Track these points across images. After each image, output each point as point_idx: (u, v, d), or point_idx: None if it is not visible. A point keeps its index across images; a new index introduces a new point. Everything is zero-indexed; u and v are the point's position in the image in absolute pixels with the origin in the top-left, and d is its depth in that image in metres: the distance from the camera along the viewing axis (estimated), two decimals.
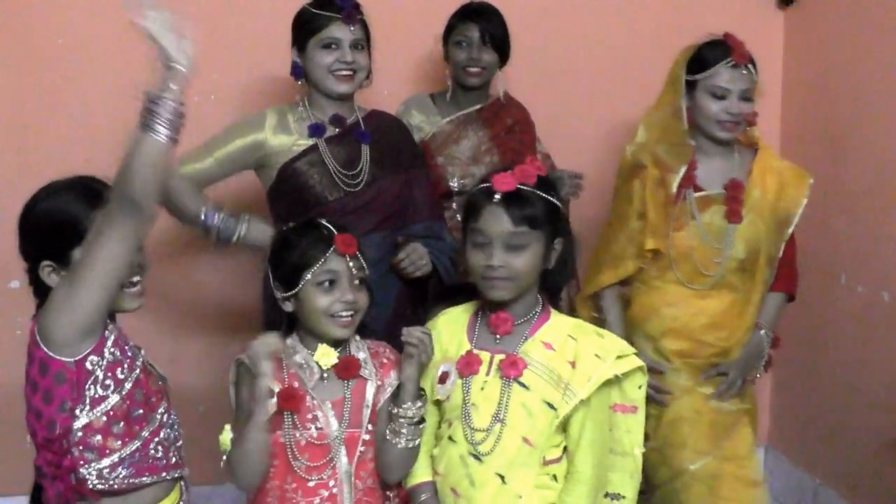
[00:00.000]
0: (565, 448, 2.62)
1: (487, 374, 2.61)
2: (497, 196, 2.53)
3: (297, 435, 2.62)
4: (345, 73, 3.45)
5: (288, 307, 2.69)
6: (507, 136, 3.99)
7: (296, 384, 2.66)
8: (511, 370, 2.56)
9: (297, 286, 2.63)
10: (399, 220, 3.56)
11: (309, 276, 2.62)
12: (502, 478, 2.56)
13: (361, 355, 2.75)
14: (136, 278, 2.46)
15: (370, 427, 2.69)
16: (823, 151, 4.44)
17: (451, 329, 2.73)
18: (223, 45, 4.26)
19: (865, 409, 4.19)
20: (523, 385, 2.57)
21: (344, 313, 2.64)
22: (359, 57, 3.47)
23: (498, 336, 2.62)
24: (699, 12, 4.70)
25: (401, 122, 3.79)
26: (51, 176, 2.47)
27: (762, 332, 3.56)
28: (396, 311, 3.52)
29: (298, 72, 3.51)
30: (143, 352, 2.52)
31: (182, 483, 2.60)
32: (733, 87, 3.39)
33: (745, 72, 3.40)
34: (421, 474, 2.72)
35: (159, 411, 2.47)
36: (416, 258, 3.47)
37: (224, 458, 2.60)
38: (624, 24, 4.68)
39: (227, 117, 3.72)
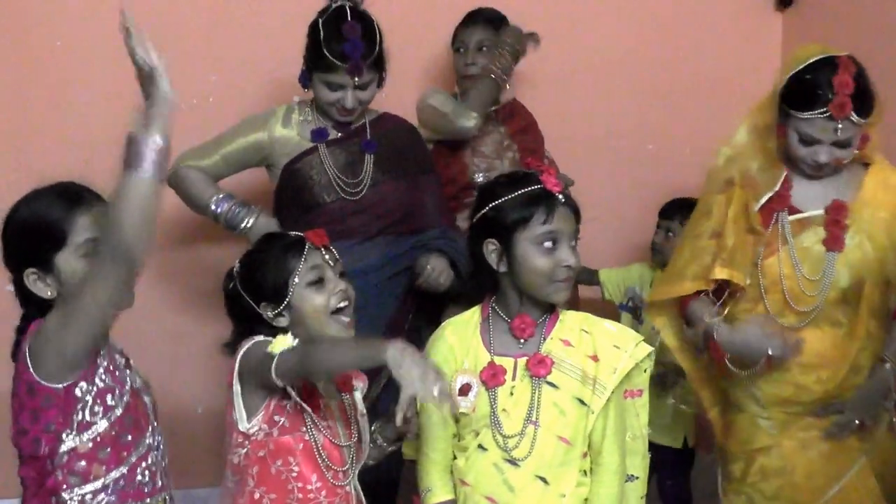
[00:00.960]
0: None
1: (513, 378, 2.57)
2: (562, 197, 2.52)
3: (317, 434, 2.58)
4: (344, 111, 3.45)
5: (283, 322, 2.64)
6: (522, 136, 4.02)
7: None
8: (540, 369, 2.53)
9: (287, 295, 2.61)
10: (403, 225, 3.53)
11: (297, 279, 2.60)
12: (544, 480, 2.53)
13: None
14: None
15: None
16: None
17: (460, 338, 2.65)
18: (220, 47, 4.28)
19: None
20: (552, 384, 2.54)
21: (342, 304, 2.62)
22: (363, 95, 3.44)
23: (522, 340, 2.58)
24: (698, 14, 4.75)
25: (412, 127, 3.74)
26: (50, 178, 2.45)
27: (887, 365, 3.01)
28: (395, 320, 3.52)
29: (306, 83, 3.50)
30: (129, 369, 2.47)
31: (167, 502, 2.55)
32: (825, 138, 2.95)
33: (840, 126, 2.92)
34: (440, 492, 2.67)
35: (147, 434, 2.43)
36: (436, 277, 3.44)
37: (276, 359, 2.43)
38: (621, 25, 4.71)
39: (226, 119, 3.72)
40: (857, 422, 3.05)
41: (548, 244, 2.48)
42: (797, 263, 3.06)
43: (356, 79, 3.38)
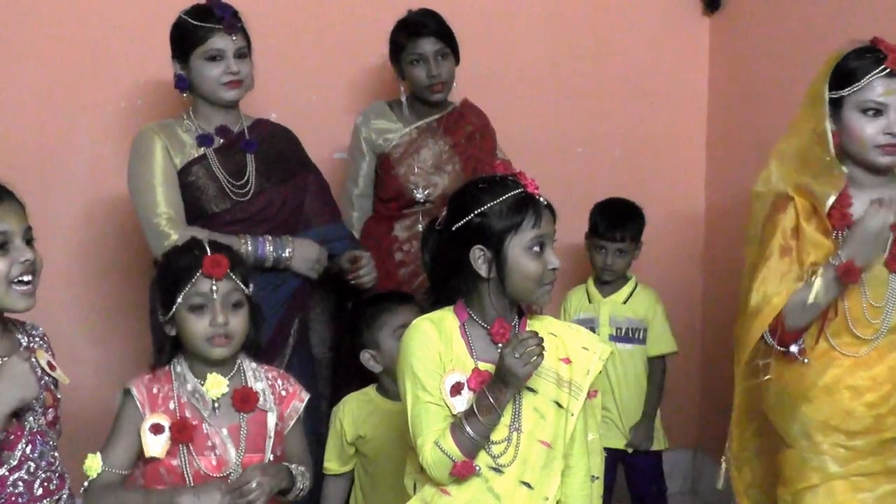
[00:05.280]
0: None
1: None
2: (543, 199, 2.52)
3: (196, 464, 2.60)
4: (233, 81, 3.43)
5: (171, 331, 2.66)
6: (467, 144, 4.00)
7: (188, 413, 2.63)
8: None
9: (171, 309, 2.62)
10: (288, 229, 3.53)
11: (180, 299, 2.60)
12: (528, 485, 2.52)
13: (259, 385, 2.74)
14: (26, 277, 2.42)
15: (273, 456, 2.69)
16: (749, 156, 4.47)
17: (442, 338, 2.55)
18: (148, 48, 4.20)
19: None
20: (531, 389, 2.52)
21: (218, 337, 2.62)
22: (242, 66, 3.44)
23: (500, 345, 2.52)
24: (627, 17, 4.78)
25: (288, 131, 3.74)
26: None
27: None
28: (282, 321, 3.52)
29: (184, 84, 3.48)
30: None
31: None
32: (891, 100, 2.78)
33: None
34: (444, 433, 2.50)
35: (19, 447, 2.42)
36: (370, 269, 3.54)
37: (86, 484, 2.57)
38: (550, 27, 4.72)
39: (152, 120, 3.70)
40: None
41: (536, 248, 2.47)
42: (863, 288, 2.84)
43: (233, 38, 3.40)
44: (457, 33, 3.92)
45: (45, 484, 2.47)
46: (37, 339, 2.59)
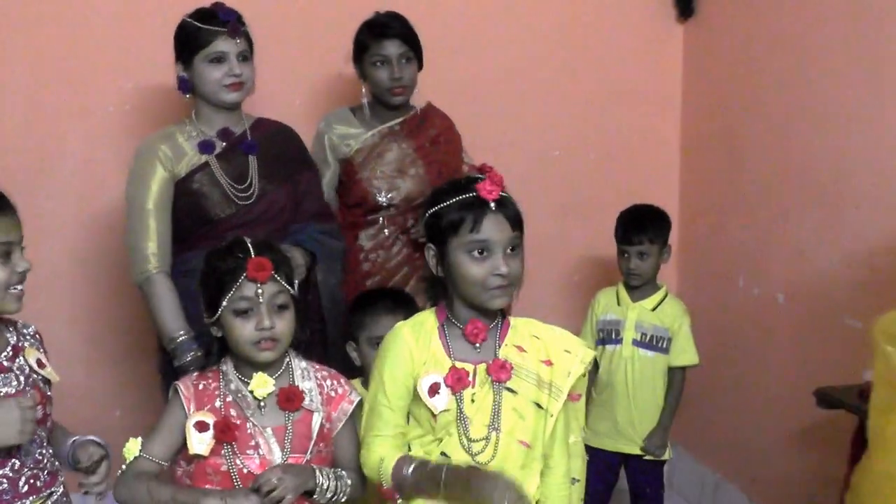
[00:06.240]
0: None
1: (473, 385, 2.56)
2: (492, 204, 2.49)
3: (239, 463, 2.58)
4: (235, 83, 3.45)
5: (217, 332, 2.64)
6: (431, 148, 3.97)
7: (233, 412, 2.61)
8: (501, 373, 2.53)
9: (217, 313, 2.60)
10: (287, 230, 3.56)
11: (225, 303, 2.57)
12: None
13: (307, 385, 2.70)
14: (19, 286, 2.45)
15: (316, 453, 2.66)
16: (722, 159, 4.57)
17: (418, 341, 2.60)
18: (135, 54, 4.29)
19: (762, 407, 4.29)
20: (511, 390, 2.56)
21: (263, 341, 2.58)
22: (245, 69, 3.46)
23: (477, 345, 2.57)
24: (602, 24, 4.84)
25: (288, 128, 3.75)
26: None
27: None
28: None
29: (186, 86, 3.49)
30: None
31: (52, 500, 2.57)
32: None
33: None
34: (394, 454, 2.56)
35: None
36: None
37: (123, 467, 2.58)
38: (527, 33, 4.77)
39: (143, 126, 3.75)
40: None
41: (478, 252, 2.48)
42: None
43: (237, 41, 3.43)
44: (432, 38, 3.92)
45: (31, 481, 2.48)
46: (28, 337, 2.60)
